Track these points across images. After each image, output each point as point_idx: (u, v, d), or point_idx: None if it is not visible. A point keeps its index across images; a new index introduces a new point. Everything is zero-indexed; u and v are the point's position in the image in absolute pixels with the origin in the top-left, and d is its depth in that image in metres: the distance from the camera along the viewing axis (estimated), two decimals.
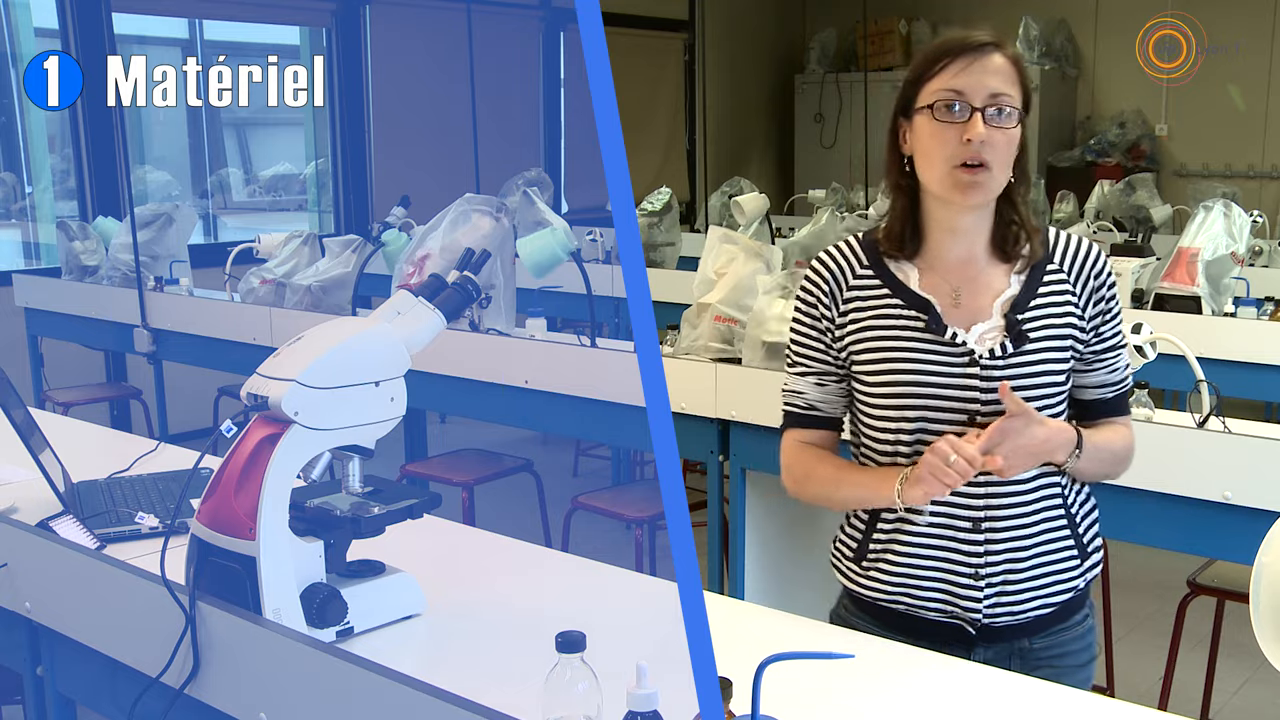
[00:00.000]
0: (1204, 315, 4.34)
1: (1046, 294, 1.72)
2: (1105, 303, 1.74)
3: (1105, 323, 1.75)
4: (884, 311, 1.73)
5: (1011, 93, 1.66)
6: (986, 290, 1.72)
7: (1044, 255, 1.74)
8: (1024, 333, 1.69)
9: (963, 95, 1.64)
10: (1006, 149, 1.66)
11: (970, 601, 1.71)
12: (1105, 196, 7.03)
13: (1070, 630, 1.77)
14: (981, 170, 1.64)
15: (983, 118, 1.63)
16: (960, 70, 1.65)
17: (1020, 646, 1.74)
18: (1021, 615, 1.73)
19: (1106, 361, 1.76)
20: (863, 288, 1.75)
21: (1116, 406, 1.79)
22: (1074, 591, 1.76)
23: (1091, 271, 1.74)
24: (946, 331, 1.69)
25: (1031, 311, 1.70)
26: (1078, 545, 1.75)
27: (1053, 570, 1.73)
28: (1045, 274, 1.73)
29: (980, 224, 1.72)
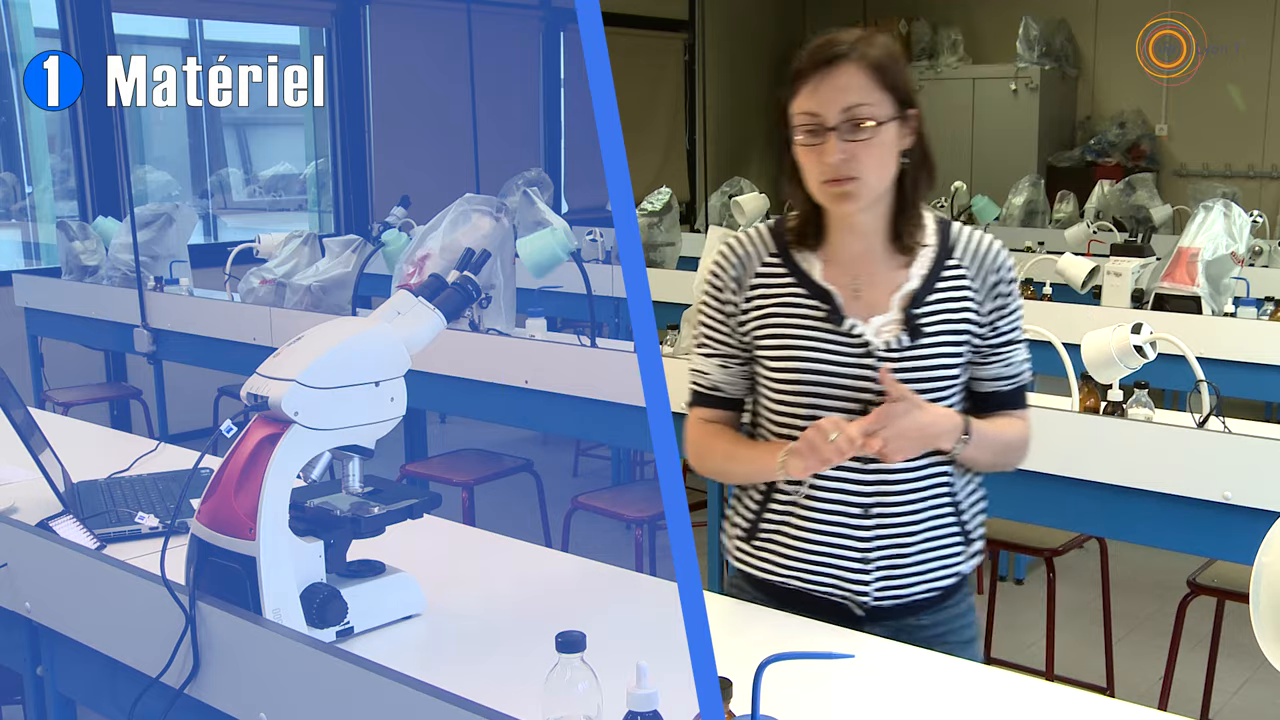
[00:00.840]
0: (1204, 315, 4.34)
1: (945, 288, 1.75)
2: (1004, 298, 1.77)
3: (1002, 317, 1.78)
4: (787, 299, 1.77)
5: (868, 100, 1.67)
6: (886, 284, 1.76)
7: (944, 250, 1.77)
8: (920, 327, 1.73)
9: (816, 116, 1.68)
10: (872, 155, 1.67)
11: (859, 585, 1.76)
12: (1105, 196, 7.04)
13: (953, 609, 1.83)
14: (850, 182, 1.68)
15: (838, 136, 1.66)
16: (812, 90, 1.68)
17: (907, 624, 1.80)
18: (906, 598, 1.78)
19: (1002, 356, 1.79)
20: (768, 274, 1.79)
21: (1012, 400, 1.82)
22: (958, 577, 1.82)
23: (991, 267, 1.77)
24: (844, 322, 1.74)
25: (929, 305, 1.74)
26: (962, 533, 1.81)
27: (938, 556, 1.78)
28: (945, 269, 1.76)
29: (877, 219, 1.76)
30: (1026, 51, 9.12)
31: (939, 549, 1.78)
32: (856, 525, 1.75)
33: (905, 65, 1.73)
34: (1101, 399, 2.85)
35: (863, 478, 1.74)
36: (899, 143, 1.71)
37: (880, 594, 1.76)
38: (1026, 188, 7.91)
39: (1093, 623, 3.83)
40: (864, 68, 1.68)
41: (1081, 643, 3.86)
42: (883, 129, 1.68)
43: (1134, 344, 2.69)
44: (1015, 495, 2.91)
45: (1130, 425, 2.76)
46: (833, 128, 1.66)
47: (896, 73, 1.70)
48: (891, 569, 1.76)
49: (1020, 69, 9.12)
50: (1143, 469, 2.70)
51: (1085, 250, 5.86)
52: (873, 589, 1.76)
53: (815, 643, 1.68)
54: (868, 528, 1.75)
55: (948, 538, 1.79)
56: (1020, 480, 2.88)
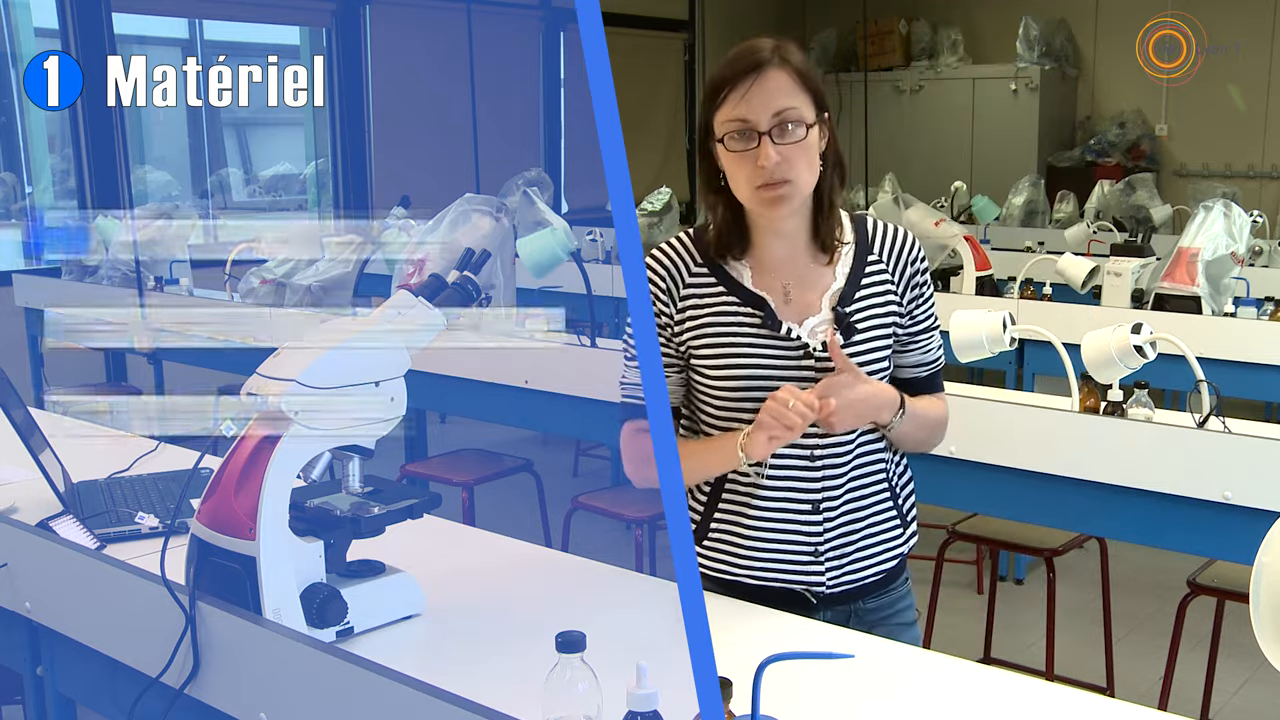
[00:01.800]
0: (1204, 315, 4.34)
1: (869, 285, 1.82)
2: (920, 288, 1.85)
3: (919, 306, 1.86)
4: (721, 308, 1.81)
5: (795, 103, 1.71)
6: (814, 285, 1.82)
7: (864, 247, 1.83)
8: (852, 324, 1.80)
9: (747, 122, 1.71)
10: (803, 157, 1.72)
11: (812, 575, 1.83)
12: (1105, 196, 7.03)
13: (895, 591, 1.91)
14: (783, 185, 1.72)
15: (771, 139, 1.70)
16: (741, 97, 1.71)
17: (856, 608, 1.88)
18: (856, 583, 1.86)
19: (921, 342, 1.88)
20: (699, 285, 1.83)
21: (930, 384, 1.91)
22: (899, 559, 1.90)
23: (907, 259, 1.84)
24: (781, 327, 1.79)
25: (857, 303, 1.81)
26: (900, 517, 1.89)
27: (880, 541, 1.87)
28: (867, 265, 1.83)
29: (799, 222, 1.81)
30: (1026, 51, 9.12)
31: (881, 533, 1.86)
32: (807, 520, 1.81)
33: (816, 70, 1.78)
34: (1101, 399, 2.85)
35: (810, 474, 1.80)
36: (819, 146, 1.76)
37: (833, 581, 1.84)
38: (1026, 188, 7.91)
39: (1093, 623, 3.83)
40: (789, 72, 1.72)
41: (1081, 643, 3.86)
42: (810, 131, 1.73)
43: (1134, 344, 2.69)
44: (1015, 495, 2.91)
45: (1130, 425, 2.76)
46: (765, 132, 1.70)
47: (814, 76, 1.76)
48: (841, 557, 1.83)
49: (1020, 69, 9.12)
50: (1143, 469, 2.70)
51: (1085, 250, 5.86)
52: (826, 578, 1.83)
53: (815, 643, 1.68)
54: (817, 522, 1.81)
55: (887, 522, 1.87)
56: (1020, 480, 2.88)
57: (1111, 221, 6.62)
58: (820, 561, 1.82)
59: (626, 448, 1.91)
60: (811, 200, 1.80)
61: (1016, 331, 2.86)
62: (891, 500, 1.87)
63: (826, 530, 1.82)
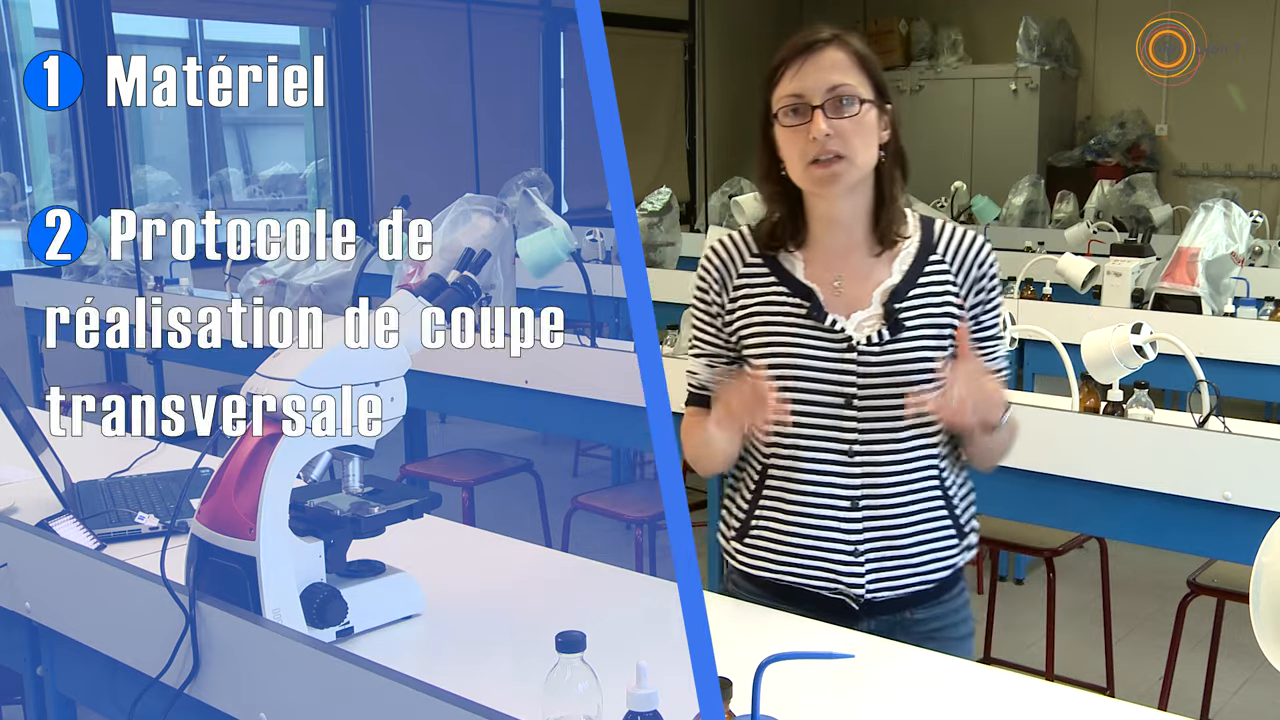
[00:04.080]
0: (1204, 315, 4.34)
1: (926, 283, 1.77)
2: (987, 293, 1.80)
3: (985, 312, 1.80)
4: (770, 298, 1.80)
5: (851, 81, 1.71)
6: (867, 279, 1.78)
7: (927, 246, 1.79)
8: (900, 321, 1.74)
9: (801, 97, 1.71)
10: (857, 135, 1.70)
11: (852, 578, 1.77)
12: (1105, 196, 7.03)
13: (948, 603, 1.84)
14: (836, 162, 1.70)
15: (824, 113, 1.69)
16: (796, 73, 1.72)
17: (903, 619, 1.80)
18: (901, 590, 1.78)
19: (986, 349, 1.80)
20: (751, 275, 1.82)
21: None
22: (951, 569, 1.82)
23: (974, 262, 1.79)
24: (827, 318, 1.76)
25: (910, 300, 1.76)
26: (955, 525, 1.81)
27: (930, 548, 1.79)
28: (927, 264, 1.78)
29: (856, 212, 1.77)
30: (1026, 51, 9.12)
31: (931, 540, 1.79)
32: (845, 517, 1.76)
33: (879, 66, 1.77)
34: (1101, 399, 2.85)
35: (849, 469, 1.76)
36: (878, 131, 1.74)
37: (874, 586, 1.77)
38: (1026, 188, 7.91)
39: (1093, 623, 3.83)
40: (847, 52, 1.72)
41: (1081, 643, 3.86)
42: (866, 109, 1.71)
43: (1134, 344, 2.69)
44: (1015, 495, 2.91)
45: (1130, 425, 2.76)
46: (818, 105, 1.69)
47: (875, 65, 1.74)
48: (883, 560, 1.77)
49: (1020, 69, 9.12)
50: (1143, 469, 2.70)
51: (1085, 250, 5.86)
52: (866, 581, 1.77)
53: (815, 642, 1.68)
54: (856, 519, 1.76)
55: (939, 529, 1.79)
56: (1020, 480, 2.88)
57: (1111, 221, 6.62)
58: (860, 562, 1.76)
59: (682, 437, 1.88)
60: (871, 191, 1.77)
61: (1016, 331, 2.86)
62: (945, 504, 1.79)
63: (867, 529, 1.76)
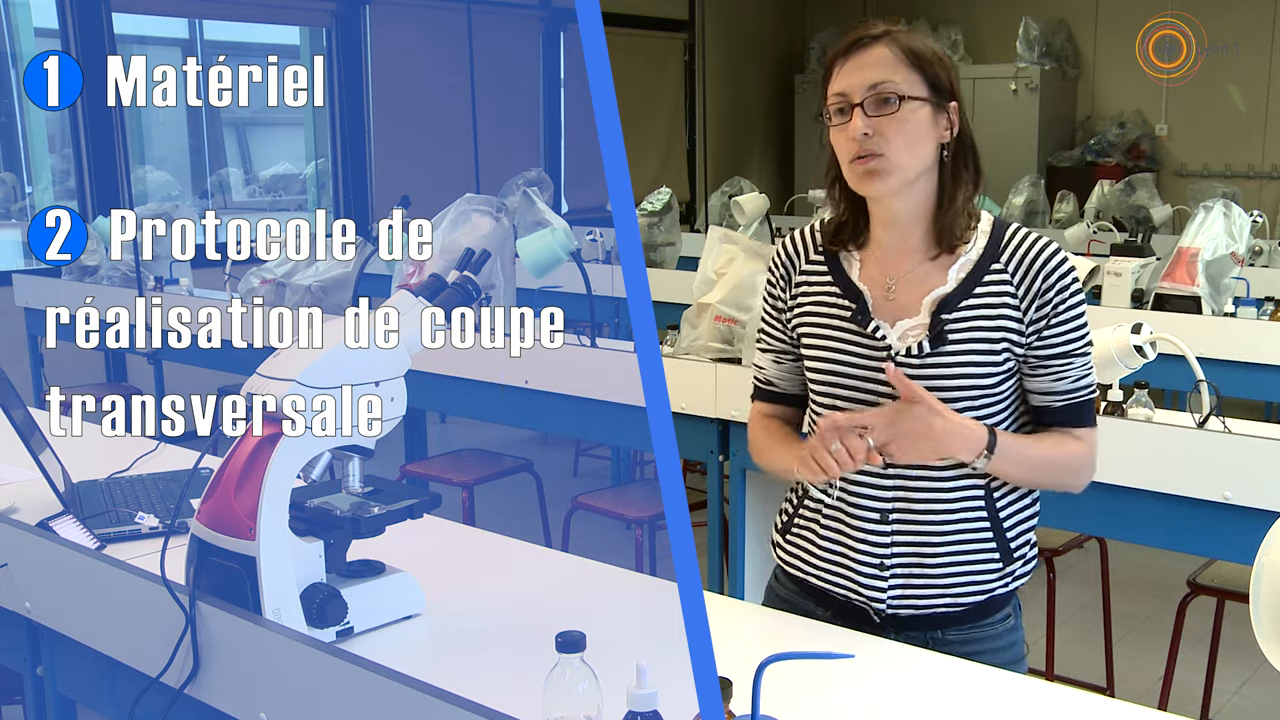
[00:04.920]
0: (1204, 315, 4.34)
1: (983, 294, 1.68)
2: (1053, 307, 1.67)
3: (1049, 327, 1.67)
4: (823, 298, 1.77)
5: (895, 79, 1.65)
6: (920, 285, 1.70)
7: (990, 253, 1.69)
8: (945, 333, 1.66)
9: (845, 96, 1.67)
10: (900, 134, 1.64)
11: (874, 591, 1.72)
12: (1105, 196, 7.02)
13: (988, 628, 1.74)
14: (873, 159, 1.65)
15: (863, 111, 1.65)
16: (841, 71, 1.69)
17: (933, 637, 1.73)
18: (926, 609, 1.72)
19: (1052, 369, 1.69)
20: (811, 273, 1.79)
21: (1065, 417, 1.71)
22: (989, 595, 1.72)
23: (1040, 273, 1.67)
24: (870, 324, 1.71)
25: (961, 311, 1.67)
26: (1001, 549, 1.72)
27: (966, 570, 1.71)
28: (986, 273, 1.68)
29: (915, 213, 1.71)
30: (1026, 51, 9.12)
31: (966, 563, 1.70)
32: (874, 529, 1.71)
33: (949, 62, 1.70)
34: (1101, 399, 2.85)
35: (883, 483, 1.70)
36: (934, 130, 1.67)
37: (896, 601, 1.71)
38: (1026, 188, 7.90)
39: (1093, 623, 3.83)
40: (895, 49, 1.66)
41: (1081, 643, 3.86)
42: (910, 106, 1.64)
43: (1134, 344, 2.69)
44: None
45: (1130, 425, 2.76)
46: (859, 103, 1.65)
47: (933, 61, 1.67)
48: (910, 577, 1.70)
49: (1020, 69, 9.12)
50: (1143, 469, 2.69)
51: (1085, 250, 5.86)
52: (888, 595, 1.71)
53: (816, 643, 1.68)
54: (885, 533, 1.70)
55: (979, 552, 1.70)
56: None
57: (1111, 221, 6.61)
58: (884, 577, 1.71)
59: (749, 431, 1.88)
60: (933, 192, 1.70)
61: None
62: (989, 527, 1.70)
63: (895, 544, 1.70)
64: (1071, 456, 1.72)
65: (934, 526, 1.70)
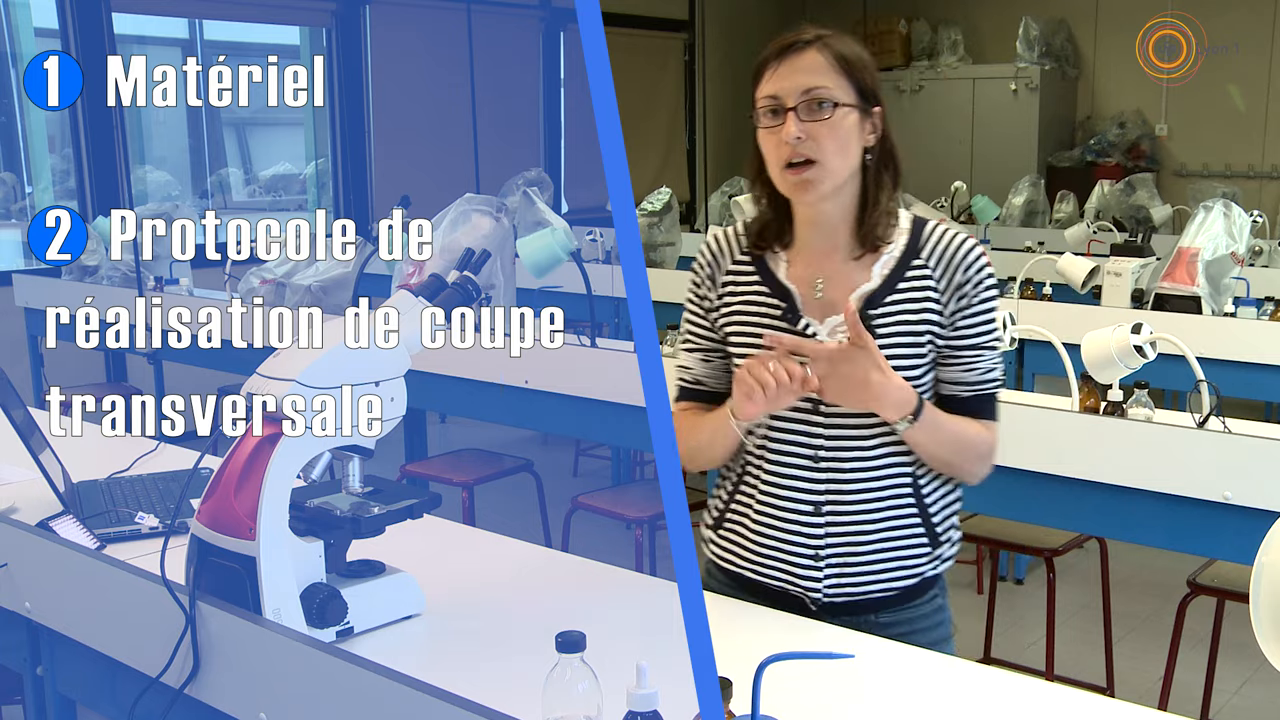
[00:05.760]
0: (1204, 315, 4.34)
1: (906, 289, 1.74)
2: (969, 299, 1.74)
3: (964, 318, 1.74)
4: (751, 297, 1.80)
5: (828, 84, 1.68)
6: (847, 283, 1.75)
7: (911, 249, 1.75)
8: (873, 328, 1.71)
9: (777, 99, 1.70)
10: (832, 139, 1.68)
11: (810, 581, 1.77)
12: (1105, 196, 7.03)
13: (917, 608, 1.81)
14: (808, 167, 1.68)
15: (797, 115, 1.68)
16: (774, 75, 1.71)
17: (866, 621, 1.78)
18: (860, 596, 1.77)
19: (964, 359, 1.76)
20: (738, 273, 1.82)
21: (973, 408, 1.78)
22: (920, 577, 1.79)
23: (959, 266, 1.73)
24: (800, 322, 1.76)
25: (887, 307, 1.73)
26: (929, 533, 1.78)
27: (897, 556, 1.77)
28: (908, 269, 1.74)
29: (840, 214, 1.75)
30: (1026, 51, 9.11)
31: (897, 548, 1.77)
32: (808, 521, 1.76)
33: (873, 67, 1.75)
34: (1101, 399, 2.85)
35: (814, 474, 1.75)
36: (861, 135, 1.72)
37: (831, 590, 1.77)
38: (1026, 188, 7.91)
39: (1093, 623, 3.83)
40: (827, 54, 1.71)
41: (1081, 643, 3.86)
42: (841, 112, 1.69)
43: (1134, 344, 2.69)
44: (1015, 495, 2.91)
45: (1130, 425, 2.76)
46: (792, 108, 1.68)
47: (861, 67, 1.72)
48: (845, 565, 1.76)
49: (1020, 69, 9.12)
50: (1143, 469, 2.69)
51: (1085, 250, 5.86)
52: (824, 585, 1.77)
53: (816, 643, 1.68)
54: (819, 524, 1.76)
55: (909, 537, 1.77)
56: (1020, 480, 2.88)
57: (1111, 221, 6.62)
58: (819, 566, 1.76)
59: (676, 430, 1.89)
60: (857, 194, 1.75)
61: (1016, 331, 2.86)
62: (919, 514, 1.77)
63: (829, 534, 1.75)
64: (981, 442, 1.78)
65: (865, 515, 1.75)
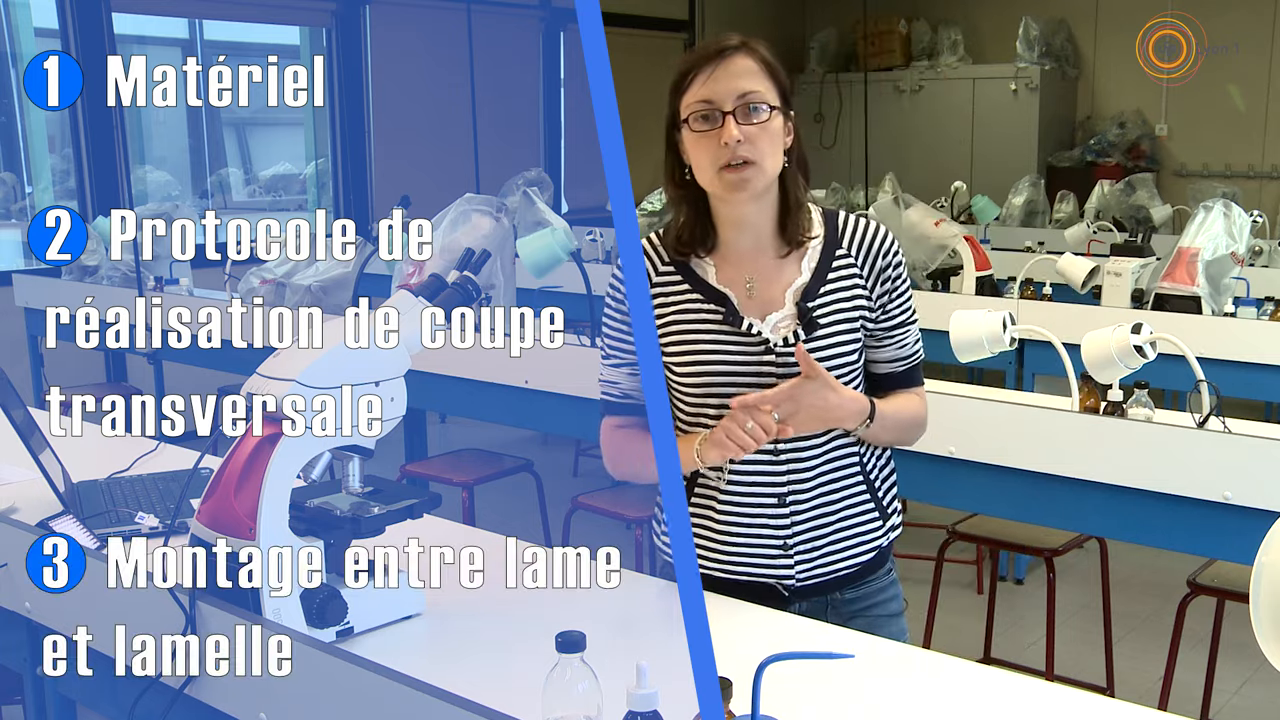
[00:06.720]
0: (1204, 315, 4.34)
1: (835, 279, 1.82)
2: (892, 282, 1.84)
3: (892, 301, 1.84)
4: (685, 306, 1.83)
5: (760, 88, 1.74)
6: (778, 280, 1.82)
7: (832, 241, 1.83)
8: (814, 319, 1.79)
9: (712, 103, 1.74)
10: (767, 141, 1.74)
11: (781, 569, 1.84)
12: (1105, 196, 7.03)
13: (875, 582, 1.90)
14: (747, 167, 1.74)
15: (735, 119, 1.72)
16: (707, 79, 1.75)
17: (831, 599, 1.87)
18: (829, 575, 1.85)
19: (896, 337, 1.86)
20: (665, 284, 1.85)
21: (908, 379, 1.90)
22: (877, 550, 1.89)
23: (878, 252, 1.83)
24: (743, 323, 1.80)
25: (821, 298, 1.81)
26: (878, 508, 1.88)
27: (856, 533, 1.86)
28: (834, 260, 1.83)
29: (764, 214, 1.81)
30: (1026, 51, 9.11)
31: (856, 525, 1.86)
32: (774, 514, 1.82)
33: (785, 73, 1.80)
34: (1101, 399, 2.85)
35: (776, 468, 1.81)
36: (784, 137, 1.78)
37: (803, 575, 1.84)
38: (1026, 188, 7.91)
39: (1093, 623, 3.83)
40: (756, 59, 1.76)
41: (1081, 643, 3.86)
42: (775, 116, 1.75)
43: (1134, 344, 2.69)
44: (1015, 495, 2.91)
45: (1130, 425, 2.76)
46: (729, 111, 1.72)
47: (781, 73, 1.78)
48: (811, 551, 1.83)
49: (1020, 69, 9.12)
50: (1143, 469, 2.69)
51: (1085, 250, 5.86)
52: (795, 571, 1.83)
53: (815, 642, 1.68)
54: (784, 515, 1.82)
55: (863, 514, 1.86)
56: (1020, 480, 2.88)
57: (1111, 221, 6.62)
58: (789, 554, 1.83)
59: (605, 444, 1.93)
60: (777, 195, 1.81)
61: (1016, 331, 2.86)
62: (868, 493, 1.87)
63: (794, 524, 1.82)
64: (918, 413, 1.91)
65: (825, 500, 1.84)
